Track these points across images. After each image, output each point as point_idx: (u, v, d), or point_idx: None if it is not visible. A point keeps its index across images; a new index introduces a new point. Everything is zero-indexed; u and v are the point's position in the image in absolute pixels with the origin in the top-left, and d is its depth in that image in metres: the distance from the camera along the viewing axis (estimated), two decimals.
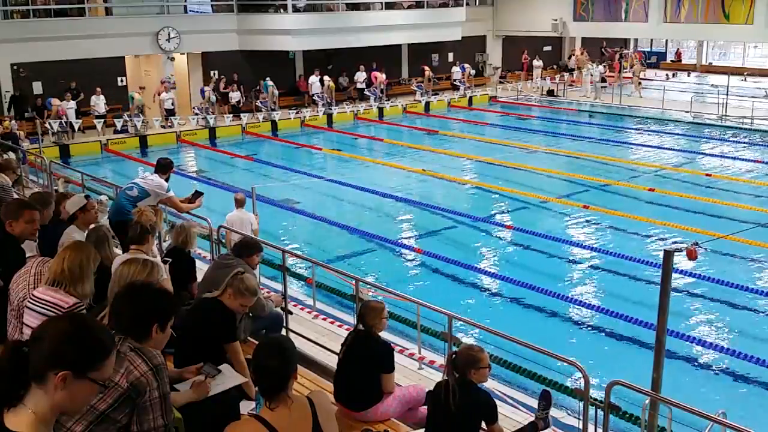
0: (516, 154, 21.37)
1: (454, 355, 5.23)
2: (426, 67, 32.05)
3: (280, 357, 3.51)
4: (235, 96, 26.86)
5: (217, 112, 25.84)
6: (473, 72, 33.97)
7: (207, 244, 10.39)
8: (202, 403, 4.69)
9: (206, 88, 26.15)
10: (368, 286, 9.28)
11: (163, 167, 9.51)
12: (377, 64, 30.38)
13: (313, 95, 28.35)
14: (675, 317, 8.86)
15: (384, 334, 5.98)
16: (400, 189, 18.15)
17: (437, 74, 33.71)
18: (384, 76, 29.85)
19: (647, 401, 5.72)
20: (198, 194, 9.69)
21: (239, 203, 11.01)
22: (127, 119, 23.94)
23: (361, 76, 29.98)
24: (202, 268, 8.05)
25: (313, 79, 28.51)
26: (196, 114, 25.62)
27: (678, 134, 24.98)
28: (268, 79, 27.25)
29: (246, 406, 5.03)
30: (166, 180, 9.40)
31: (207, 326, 5.35)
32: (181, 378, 4.91)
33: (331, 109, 27.72)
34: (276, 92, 27.24)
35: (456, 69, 33.01)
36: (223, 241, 9.94)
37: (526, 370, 8.42)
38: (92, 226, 7.05)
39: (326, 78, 28.46)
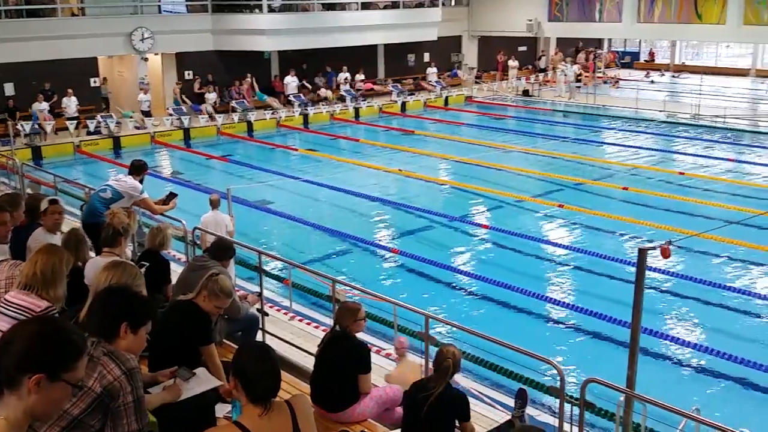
0: (492, 153, 21.44)
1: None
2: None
3: (272, 361, 3.48)
4: (211, 97, 26.73)
5: (192, 113, 25.69)
6: (448, 74, 34.10)
7: (182, 246, 10.32)
8: (177, 406, 4.66)
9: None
10: (345, 286, 9.27)
11: (137, 169, 9.43)
12: (353, 65, 30.38)
13: (288, 95, 28.30)
14: (649, 315, 8.94)
15: (360, 335, 5.98)
16: (377, 189, 18.15)
17: (413, 74, 33.83)
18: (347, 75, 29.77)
19: (622, 398, 5.77)
20: (172, 196, 9.63)
21: (214, 204, 10.96)
22: (100, 120, 23.71)
23: (342, 76, 29.99)
24: (176, 270, 8.00)
25: (289, 80, 28.46)
26: (170, 115, 25.44)
27: (652, 133, 25.22)
28: (265, 97, 27.09)
29: (222, 409, 5.00)
30: (140, 182, 9.33)
31: (182, 329, 5.31)
32: (155, 381, 4.87)
33: (307, 109, 27.67)
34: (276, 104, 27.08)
35: (431, 70, 33.08)
36: (198, 242, 9.87)
37: (503, 369, 8.45)
38: (71, 228, 6.99)
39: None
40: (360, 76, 30.68)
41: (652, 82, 36.10)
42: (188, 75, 27.48)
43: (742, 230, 13.46)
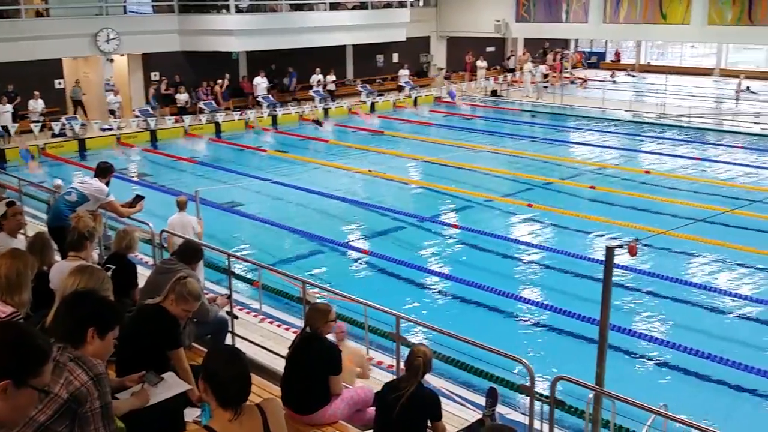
0: (461, 153, 21.53)
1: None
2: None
3: (242, 365, 3.45)
4: (182, 98, 26.53)
5: (159, 115, 25.48)
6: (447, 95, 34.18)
7: (149, 249, 10.21)
8: (145, 411, 4.61)
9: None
10: (315, 288, 9.24)
11: (103, 171, 9.32)
12: (321, 65, 30.29)
13: (257, 96, 28.16)
14: (617, 312, 9.05)
15: (331, 336, 5.97)
16: (346, 190, 18.14)
17: (382, 74, 33.88)
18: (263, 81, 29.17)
19: (591, 395, 5.82)
20: (139, 198, 9.53)
21: (181, 206, 10.82)
22: (65, 122, 23.39)
23: (315, 78, 29.95)
24: (144, 274, 7.91)
25: (258, 81, 28.31)
26: (137, 116, 25.18)
27: (618, 133, 25.49)
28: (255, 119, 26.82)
29: (191, 414, 4.95)
30: (107, 184, 9.22)
31: (149, 333, 5.25)
32: (123, 387, 4.81)
33: (275, 110, 27.55)
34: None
35: (403, 72, 33.12)
36: (165, 245, 9.77)
37: (473, 368, 8.49)
38: (36, 232, 6.89)
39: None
40: (331, 77, 30.58)
41: (614, 81, 36.45)
42: (155, 76, 27.20)
43: (708, 228, 13.66)
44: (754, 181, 18.59)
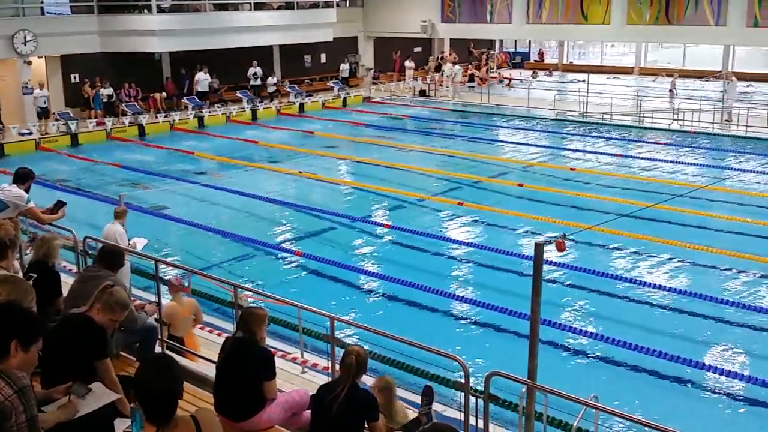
0: (392, 153, 21.63)
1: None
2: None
3: (171, 378, 3.35)
4: (106, 92, 25.95)
5: (80, 117, 24.86)
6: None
7: (72, 256, 9.90)
8: (74, 424, 4.47)
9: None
10: (247, 291, 9.12)
11: (22, 177, 9.00)
12: (248, 66, 29.99)
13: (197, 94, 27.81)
14: (548, 307, 9.19)
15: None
16: (277, 192, 18.00)
17: (310, 75, 33.74)
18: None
19: (524, 389, 5.91)
20: (60, 204, 9.22)
21: (115, 215, 10.43)
22: None
23: (251, 71, 29.86)
24: (67, 281, 7.66)
25: (201, 76, 27.96)
26: (57, 120, 24.45)
27: (543, 131, 26.00)
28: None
29: (121, 425, 4.82)
30: (26, 190, 8.90)
31: (75, 343, 5.07)
32: (50, 399, 4.65)
33: (202, 111, 27.15)
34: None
35: (344, 66, 33.06)
36: (90, 252, 9.47)
37: (409, 367, 8.51)
38: None
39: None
40: (272, 79, 30.34)
41: (522, 81, 36.77)
42: (74, 78, 26.46)
43: (633, 222, 14.07)
44: (674, 176, 19.22)
